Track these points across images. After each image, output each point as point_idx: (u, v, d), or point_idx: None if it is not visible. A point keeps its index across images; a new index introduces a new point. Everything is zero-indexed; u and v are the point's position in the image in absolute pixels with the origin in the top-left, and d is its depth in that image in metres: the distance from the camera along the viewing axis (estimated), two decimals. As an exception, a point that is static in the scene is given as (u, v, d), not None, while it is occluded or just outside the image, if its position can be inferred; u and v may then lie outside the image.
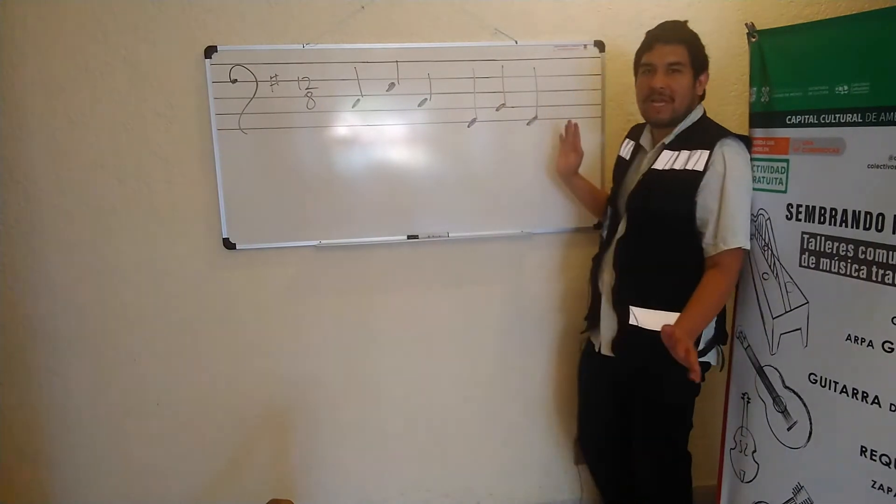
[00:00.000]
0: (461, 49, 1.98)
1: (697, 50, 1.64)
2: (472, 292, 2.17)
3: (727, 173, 1.58)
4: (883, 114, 1.49)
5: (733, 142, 1.63)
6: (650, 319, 1.68)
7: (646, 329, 1.68)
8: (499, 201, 2.09)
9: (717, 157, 1.59)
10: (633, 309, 1.70)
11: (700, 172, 1.59)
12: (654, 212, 1.66)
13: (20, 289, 1.97)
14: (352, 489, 2.24)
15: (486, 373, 2.23)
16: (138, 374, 2.06)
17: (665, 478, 1.84)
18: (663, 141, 1.69)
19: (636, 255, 1.71)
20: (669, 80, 1.63)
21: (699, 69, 1.65)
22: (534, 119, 2.05)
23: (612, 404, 1.90)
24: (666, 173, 1.64)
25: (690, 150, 1.63)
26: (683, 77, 1.63)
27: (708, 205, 1.60)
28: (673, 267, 1.67)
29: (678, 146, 1.66)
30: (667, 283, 1.67)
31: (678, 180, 1.62)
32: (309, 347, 2.12)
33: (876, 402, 1.53)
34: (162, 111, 1.92)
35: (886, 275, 1.49)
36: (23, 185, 1.91)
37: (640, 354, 1.72)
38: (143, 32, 1.87)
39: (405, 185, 2.03)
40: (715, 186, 1.59)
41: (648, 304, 1.68)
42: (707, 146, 1.61)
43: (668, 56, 1.63)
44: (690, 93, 1.65)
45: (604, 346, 1.80)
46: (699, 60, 1.65)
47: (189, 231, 2.00)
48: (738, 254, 1.62)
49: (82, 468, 2.09)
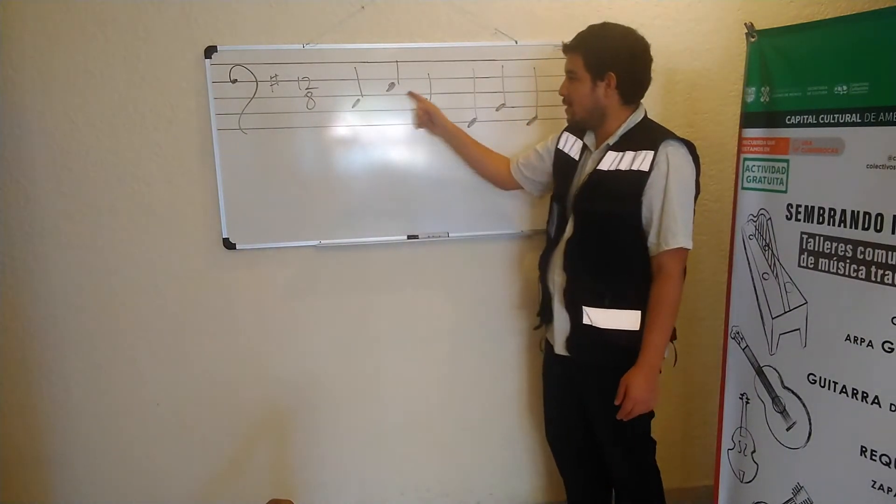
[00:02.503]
0: (461, 49, 1.98)
1: (594, 55, 1.65)
2: (472, 292, 2.17)
3: (669, 174, 1.59)
4: (882, 114, 1.49)
5: (676, 143, 1.63)
6: (604, 318, 1.69)
7: (600, 328, 1.69)
8: (499, 201, 2.09)
9: (661, 158, 1.60)
10: (585, 308, 1.71)
11: (646, 173, 1.60)
12: (601, 213, 1.67)
13: (20, 289, 1.97)
14: (352, 489, 2.24)
15: (487, 373, 2.23)
16: (138, 374, 2.06)
17: (636, 466, 1.85)
18: (608, 142, 1.69)
19: (585, 256, 1.71)
20: (568, 86, 1.72)
21: (597, 74, 1.65)
22: (534, 119, 2.05)
23: (571, 401, 1.90)
24: (611, 174, 1.65)
25: (635, 151, 1.64)
26: (579, 84, 1.68)
27: (652, 205, 1.61)
28: (623, 266, 1.68)
29: (622, 147, 1.67)
30: (618, 283, 1.68)
31: (624, 181, 1.62)
32: (309, 347, 2.12)
33: (876, 402, 1.53)
34: (162, 111, 1.92)
35: (885, 275, 1.49)
36: (23, 185, 1.91)
37: (594, 352, 1.73)
38: (142, 32, 1.87)
39: (405, 185, 2.03)
40: (659, 186, 1.60)
41: (601, 304, 1.69)
42: (651, 146, 1.62)
43: (567, 64, 1.72)
44: (590, 97, 1.67)
45: (558, 346, 1.80)
46: (596, 65, 1.65)
47: (189, 231, 2.00)
48: (679, 254, 1.62)
49: (82, 468, 2.09)
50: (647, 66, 1.69)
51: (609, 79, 1.64)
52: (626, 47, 1.65)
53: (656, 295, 1.64)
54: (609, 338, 1.69)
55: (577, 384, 1.84)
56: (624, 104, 1.69)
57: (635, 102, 1.71)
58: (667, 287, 1.63)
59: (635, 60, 1.67)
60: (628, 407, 1.64)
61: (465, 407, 2.25)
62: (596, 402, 1.80)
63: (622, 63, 1.64)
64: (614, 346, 1.68)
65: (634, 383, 1.63)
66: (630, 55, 1.66)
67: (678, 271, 1.64)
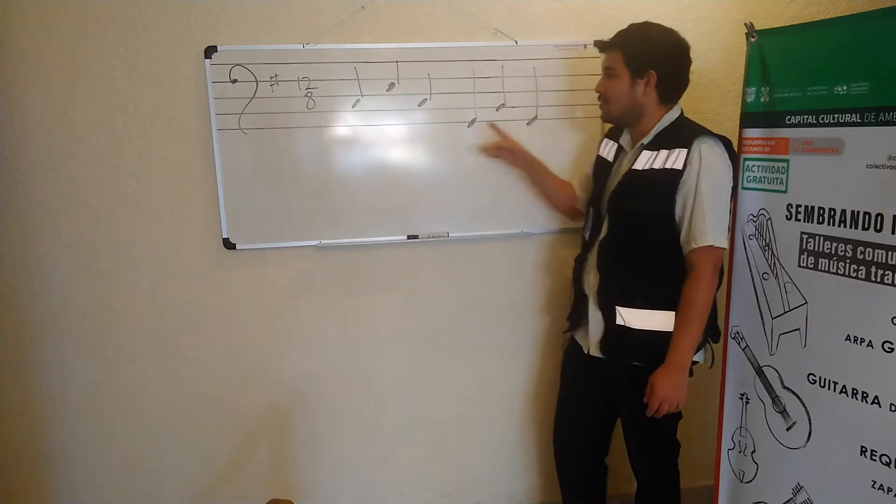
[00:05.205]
0: (461, 49, 1.98)
1: (635, 53, 1.64)
2: (472, 292, 2.17)
3: (701, 170, 1.59)
4: (882, 114, 1.49)
5: (710, 139, 1.63)
6: (637, 318, 1.69)
7: (633, 328, 1.69)
8: (499, 201, 2.09)
9: (693, 155, 1.60)
10: (619, 309, 1.71)
11: (679, 171, 1.60)
12: (635, 212, 1.67)
13: (20, 289, 1.97)
14: (351, 489, 2.24)
15: (487, 372, 2.23)
16: (138, 374, 2.06)
17: (659, 466, 1.85)
18: (642, 141, 1.70)
19: (619, 256, 1.71)
20: (606, 83, 1.71)
21: (637, 71, 1.65)
22: (534, 119, 2.05)
23: (595, 407, 1.90)
24: (646, 173, 1.65)
25: (669, 150, 1.64)
26: (617, 81, 1.67)
27: (685, 202, 1.62)
28: (657, 266, 1.68)
29: (656, 146, 1.67)
30: (652, 282, 1.68)
31: (658, 179, 1.63)
32: (309, 347, 2.12)
33: (876, 402, 1.53)
34: (162, 111, 1.92)
35: (885, 275, 1.49)
36: (23, 185, 1.91)
37: (628, 353, 1.73)
38: (142, 32, 1.87)
39: (405, 185, 2.03)
40: (691, 184, 1.60)
41: (634, 304, 1.69)
42: (684, 144, 1.62)
43: (605, 61, 1.71)
44: (628, 95, 1.67)
45: (592, 348, 1.80)
46: (637, 63, 1.64)
47: (189, 231, 2.00)
48: (710, 252, 1.61)
49: (82, 468, 2.09)
50: (687, 67, 1.68)
51: (649, 77, 1.64)
52: (667, 46, 1.65)
53: (686, 294, 1.64)
54: (642, 338, 1.68)
55: (608, 386, 1.83)
56: (661, 103, 1.68)
57: (672, 102, 1.71)
58: (696, 286, 1.62)
59: (676, 60, 1.67)
60: (654, 405, 1.65)
61: (465, 407, 2.25)
62: (628, 402, 1.80)
63: (663, 62, 1.64)
64: (647, 347, 1.68)
65: (660, 382, 1.63)
66: (671, 54, 1.66)
67: (709, 270, 1.63)
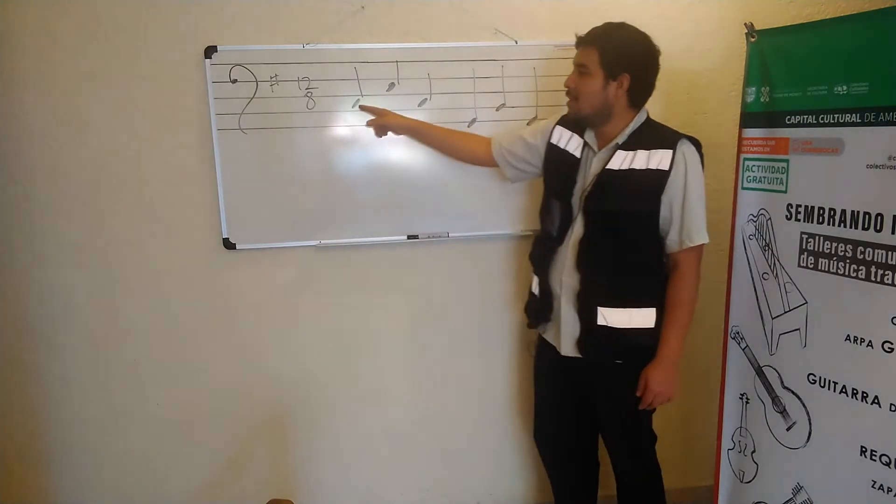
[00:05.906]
0: (461, 49, 1.98)
1: (612, 54, 1.61)
2: (472, 292, 2.17)
3: (688, 172, 1.61)
4: (882, 114, 1.49)
5: (689, 142, 1.65)
6: (619, 318, 1.69)
7: (615, 327, 1.69)
8: (499, 201, 2.09)
9: (679, 157, 1.61)
10: (600, 309, 1.69)
11: (665, 172, 1.61)
12: (617, 212, 1.67)
13: (20, 289, 1.97)
14: (352, 489, 2.24)
15: (486, 372, 2.23)
16: (138, 375, 2.06)
17: (638, 457, 1.86)
18: (616, 141, 1.68)
19: (600, 256, 1.70)
20: (577, 80, 1.66)
21: (613, 72, 1.62)
22: (534, 119, 2.05)
23: (569, 401, 1.90)
24: (626, 173, 1.64)
25: (648, 150, 1.63)
26: (590, 79, 1.63)
27: (673, 203, 1.62)
28: (638, 265, 1.69)
29: (632, 146, 1.66)
30: (635, 281, 1.70)
31: (642, 180, 1.62)
32: (309, 347, 2.12)
33: (876, 402, 1.53)
34: (162, 111, 1.92)
35: (885, 275, 1.49)
36: (23, 185, 1.91)
37: (610, 352, 1.73)
38: (143, 32, 1.87)
39: (405, 185, 2.03)
40: (679, 185, 1.61)
41: (616, 304, 1.69)
42: (667, 146, 1.62)
43: (579, 57, 1.66)
44: (600, 95, 1.64)
45: (566, 348, 1.77)
46: (613, 64, 1.61)
47: (189, 231, 2.00)
48: (697, 251, 1.67)
49: (82, 469, 2.10)
50: (656, 74, 1.68)
51: (622, 80, 1.62)
52: (643, 52, 1.64)
53: (675, 292, 1.68)
54: (624, 337, 1.69)
55: (584, 383, 1.83)
56: (630, 106, 1.68)
57: (639, 107, 1.70)
58: (685, 284, 1.68)
59: (649, 66, 1.66)
60: (649, 398, 1.69)
61: (465, 407, 2.25)
62: (607, 398, 1.81)
63: (638, 67, 1.63)
64: (629, 345, 1.70)
65: (654, 377, 1.68)
66: (646, 60, 1.65)
67: (696, 268, 1.68)
